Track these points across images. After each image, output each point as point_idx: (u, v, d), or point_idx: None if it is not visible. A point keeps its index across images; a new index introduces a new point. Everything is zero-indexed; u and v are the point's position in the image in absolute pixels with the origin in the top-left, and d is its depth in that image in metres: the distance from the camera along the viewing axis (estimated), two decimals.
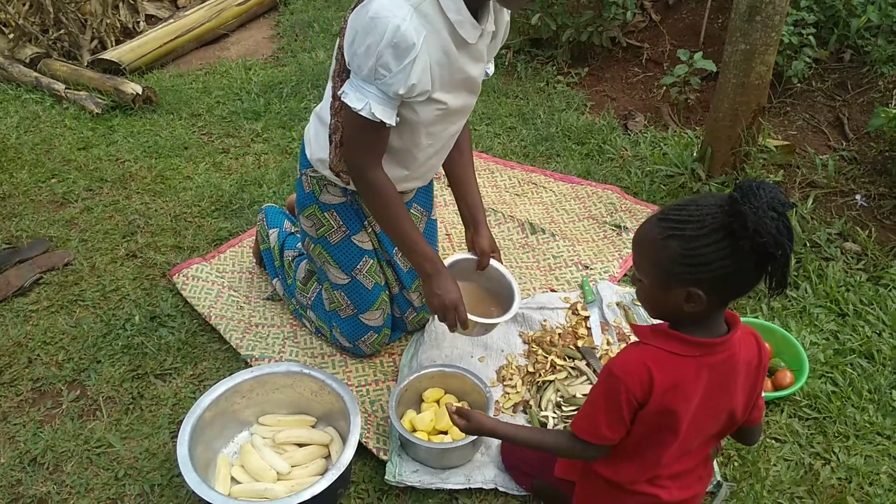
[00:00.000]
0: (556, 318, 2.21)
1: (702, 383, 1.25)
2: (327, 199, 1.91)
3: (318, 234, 1.95)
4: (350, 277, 1.96)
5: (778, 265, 1.14)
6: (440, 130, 1.77)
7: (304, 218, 1.96)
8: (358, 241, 1.95)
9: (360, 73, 1.55)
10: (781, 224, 1.09)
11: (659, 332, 1.26)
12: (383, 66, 1.51)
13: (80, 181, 2.89)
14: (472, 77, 1.71)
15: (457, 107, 1.73)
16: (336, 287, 1.99)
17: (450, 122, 1.78)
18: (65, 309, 2.29)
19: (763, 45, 2.40)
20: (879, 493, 1.73)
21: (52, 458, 1.84)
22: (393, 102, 1.58)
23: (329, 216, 1.92)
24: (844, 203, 2.65)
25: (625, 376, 1.24)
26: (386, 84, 1.53)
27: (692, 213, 1.15)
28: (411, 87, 1.55)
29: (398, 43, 1.47)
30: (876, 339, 2.11)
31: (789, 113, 3.17)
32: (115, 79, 3.51)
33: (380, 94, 1.56)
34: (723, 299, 1.22)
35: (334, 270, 1.97)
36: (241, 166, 3.00)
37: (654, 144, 3.05)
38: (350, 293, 1.98)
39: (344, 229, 1.93)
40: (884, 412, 1.92)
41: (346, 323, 2.02)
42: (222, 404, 1.79)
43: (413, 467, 1.76)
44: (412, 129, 1.71)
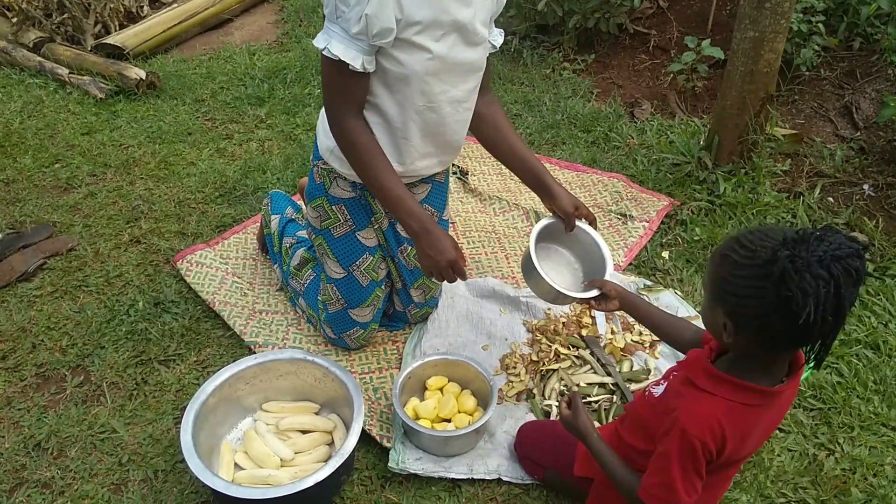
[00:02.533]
0: (560, 306, 2.20)
1: (762, 427, 1.18)
2: (337, 192, 1.88)
3: (321, 226, 1.93)
4: (346, 272, 1.94)
5: (809, 330, 1.00)
6: (438, 91, 1.67)
7: (311, 209, 1.94)
8: (362, 238, 1.92)
9: (327, 13, 1.53)
10: (826, 289, 0.96)
11: (725, 382, 1.17)
12: (342, 2, 1.48)
13: (83, 166, 2.88)
14: (460, 21, 1.59)
15: (449, 57, 1.62)
16: (330, 280, 1.97)
17: (447, 81, 1.67)
18: (68, 294, 2.29)
19: (772, 33, 2.37)
20: (884, 483, 1.72)
21: (56, 443, 1.84)
22: (357, 43, 1.51)
23: (337, 209, 1.89)
24: (852, 193, 2.63)
25: (701, 434, 1.15)
26: (345, 20, 1.49)
27: (754, 240, 1.06)
28: (368, 21, 1.47)
29: None
30: (882, 329, 2.10)
31: (797, 101, 3.14)
32: (119, 63, 3.49)
33: (342, 33, 1.51)
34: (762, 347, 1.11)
35: (332, 264, 1.95)
36: (245, 152, 2.99)
37: (660, 132, 3.03)
38: (343, 288, 1.95)
39: (350, 223, 1.91)
40: (889, 403, 1.91)
41: (333, 316, 2.00)
42: (226, 391, 1.79)
43: (416, 455, 1.76)
44: (403, 84, 1.63)
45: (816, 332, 1.01)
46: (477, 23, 1.64)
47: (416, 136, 1.74)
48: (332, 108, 1.66)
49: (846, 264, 0.97)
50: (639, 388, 1.89)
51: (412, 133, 1.73)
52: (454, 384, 1.93)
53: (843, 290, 0.98)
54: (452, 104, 1.73)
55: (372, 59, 1.56)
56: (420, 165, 1.82)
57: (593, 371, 1.96)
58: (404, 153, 1.76)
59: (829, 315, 0.98)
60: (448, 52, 1.62)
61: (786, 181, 2.69)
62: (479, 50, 1.71)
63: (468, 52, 1.67)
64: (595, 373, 1.96)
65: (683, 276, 2.31)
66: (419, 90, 1.65)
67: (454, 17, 1.58)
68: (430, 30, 1.57)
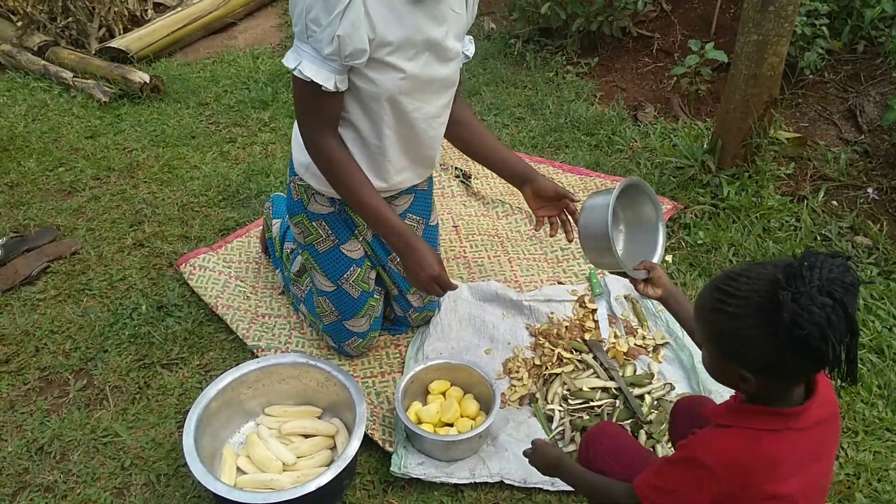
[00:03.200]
0: (563, 310, 2.20)
1: (797, 456, 1.10)
2: (315, 208, 1.86)
3: (305, 242, 1.91)
4: (336, 286, 1.92)
5: (834, 358, 0.98)
6: (411, 109, 1.66)
7: (293, 225, 1.93)
8: (346, 251, 1.90)
9: (297, 32, 1.50)
10: (835, 313, 0.94)
11: (739, 411, 1.11)
12: (313, 21, 1.44)
13: (87, 170, 2.89)
14: (433, 40, 1.58)
15: (423, 75, 1.61)
16: (322, 293, 1.95)
17: (421, 98, 1.66)
18: (72, 298, 2.29)
19: (776, 36, 2.37)
20: (888, 489, 1.71)
21: (59, 446, 1.85)
22: (329, 64, 1.49)
23: (317, 225, 1.88)
24: (856, 196, 2.62)
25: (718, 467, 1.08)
26: (317, 41, 1.46)
27: (741, 287, 1.03)
28: (341, 43, 1.45)
29: None
30: (886, 334, 2.09)
31: (801, 105, 3.13)
32: (123, 67, 3.50)
33: (313, 53, 1.49)
34: (784, 382, 1.07)
35: (320, 277, 1.93)
36: (249, 156, 2.99)
37: (663, 136, 3.02)
38: (335, 300, 1.94)
39: (332, 238, 1.89)
40: (893, 408, 1.90)
41: (329, 328, 2.00)
42: (228, 394, 1.79)
43: (419, 459, 1.76)
44: (377, 102, 1.61)
45: (837, 355, 0.99)
46: (450, 39, 1.64)
47: (392, 151, 1.73)
48: (305, 127, 1.64)
49: (843, 283, 0.96)
50: (642, 392, 1.89)
51: (388, 149, 1.72)
52: (457, 388, 1.93)
53: (850, 308, 0.96)
54: (427, 120, 1.72)
55: (344, 79, 1.55)
56: (398, 180, 1.82)
57: (596, 375, 1.96)
58: (382, 169, 1.76)
59: (845, 335, 0.97)
60: (421, 70, 1.61)
61: (789, 185, 2.68)
62: (453, 65, 1.70)
63: (441, 68, 1.66)
64: (598, 377, 1.95)
65: (686, 280, 2.31)
66: (392, 108, 1.64)
67: (427, 36, 1.57)
68: (403, 49, 1.55)
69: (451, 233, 2.54)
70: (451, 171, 2.86)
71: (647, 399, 1.87)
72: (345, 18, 1.43)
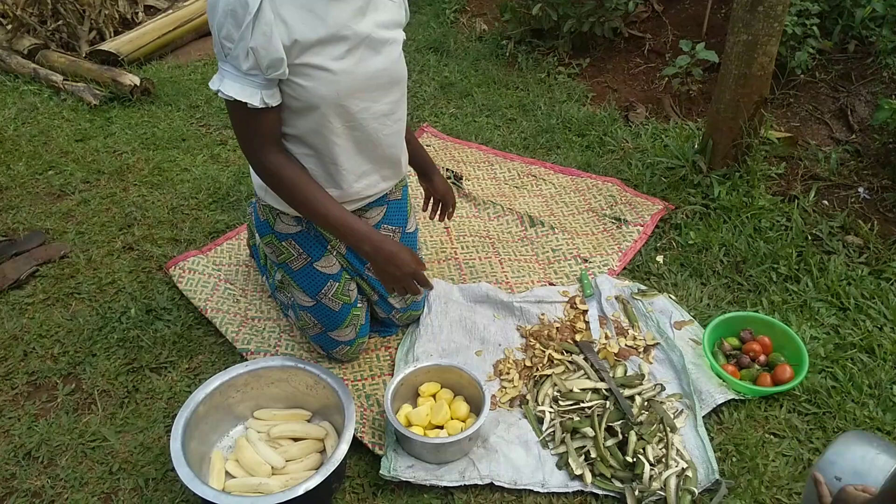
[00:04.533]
0: (554, 311, 2.19)
1: None
2: (283, 228, 1.82)
3: (279, 261, 1.88)
4: (315, 301, 1.90)
5: None
6: (357, 110, 1.61)
7: (265, 244, 1.89)
8: (321, 267, 1.86)
9: (216, 53, 1.47)
10: None
11: None
12: (227, 38, 1.40)
13: (77, 173, 2.88)
14: (362, 33, 1.53)
15: (359, 72, 1.56)
16: (303, 308, 1.93)
17: (367, 97, 1.61)
18: (61, 302, 2.28)
19: (765, 36, 2.37)
20: None
21: (47, 451, 1.83)
22: (250, 80, 1.44)
23: (287, 245, 1.84)
24: (847, 196, 2.62)
25: None
26: (234, 58, 1.42)
27: None
28: (256, 55, 1.40)
29: (234, 9, 1.36)
30: (877, 333, 2.09)
31: (792, 104, 3.14)
32: (114, 70, 3.49)
33: (233, 71, 1.44)
34: None
35: (299, 294, 1.91)
36: (239, 158, 2.98)
37: (655, 136, 3.02)
38: (317, 314, 1.92)
39: (305, 257, 1.85)
40: (884, 407, 1.90)
41: (315, 338, 1.99)
42: (217, 398, 1.78)
43: (408, 462, 1.75)
44: (315, 110, 1.56)
45: None
46: (381, 30, 1.59)
47: (345, 157, 1.68)
48: (247, 150, 1.59)
49: None
50: (632, 393, 1.88)
51: (339, 156, 1.67)
52: (447, 390, 1.92)
53: None
54: (378, 119, 1.68)
55: (273, 92, 1.50)
56: (359, 187, 1.77)
57: (587, 377, 1.96)
58: (338, 178, 1.71)
59: None
60: (356, 67, 1.56)
61: (780, 184, 2.68)
62: (391, 55, 1.63)
63: (377, 59, 1.60)
64: (588, 378, 1.95)
65: (678, 281, 2.30)
66: (335, 113, 1.59)
67: (355, 30, 1.53)
68: (329, 48, 1.50)
69: (443, 234, 2.53)
70: (443, 172, 2.86)
71: (638, 400, 1.86)
72: (255, 29, 1.39)
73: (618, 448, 1.77)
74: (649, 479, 1.69)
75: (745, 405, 1.91)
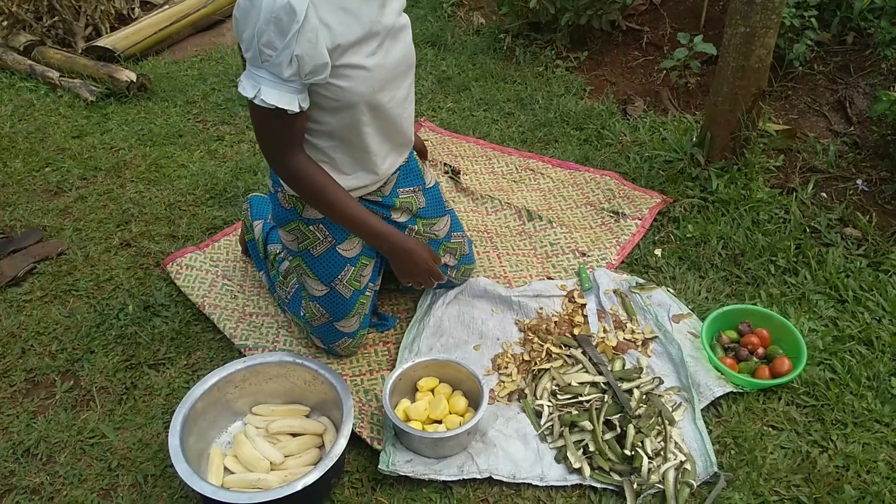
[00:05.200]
0: (552, 305, 2.19)
1: None
2: (311, 213, 1.81)
3: (299, 248, 1.88)
4: (329, 288, 1.90)
5: None
6: (386, 101, 1.65)
7: (286, 233, 1.87)
8: (342, 251, 1.87)
9: (249, 58, 1.45)
10: None
11: None
12: (267, 46, 1.39)
13: (74, 170, 2.87)
14: (388, 25, 1.57)
15: (387, 64, 1.59)
16: (313, 299, 1.93)
17: (392, 86, 1.64)
18: (58, 299, 2.28)
19: (763, 28, 2.36)
20: (877, 480, 1.71)
21: (46, 448, 1.83)
22: (290, 85, 1.45)
23: (315, 229, 1.84)
24: (845, 188, 2.62)
25: None
26: (274, 65, 1.41)
27: None
28: (300, 62, 1.41)
29: (278, 17, 1.35)
30: (875, 325, 2.09)
31: (791, 97, 3.13)
32: (110, 66, 3.48)
33: (271, 78, 1.43)
34: None
35: (312, 283, 1.91)
36: (236, 154, 2.97)
37: (653, 129, 3.01)
38: (327, 304, 1.92)
39: (330, 240, 1.85)
40: (882, 399, 1.90)
41: (319, 330, 1.98)
42: (215, 394, 1.78)
43: (407, 457, 1.75)
44: (350, 107, 1.58)
45: None
46: (396, 16, 1.62)
47: (375, 144, 1.72)
48: (271, 153, 1.59)
49: None
50: (630, 387, 1.88)
51: (370, 144, 1.71)
52: (445, 385, 1.92)
53: None
54: (400, 105, 1.72)
55: (306, 96, 1.52)
56: (386, 167, 1.83)
57: (585, 370, 1.95)
58: (368, 164, 1.76)
59: None
60: (384, 59, 1.59)
61: (779, 177, 2.68)
62: (407, 39, 1.67)
63: (398, 47, 1.63)
64: (587, 372, 1.95)
65: (676, 274, 2.30)
66: (367, 107, 1.62)
67: (383, 24, 1.56)
68: (364, 46, 1.53)
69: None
70: (440, 167, 2.85)
71: (636, 393, 1.86)
72: (301, 37, 1.38)
73: (616, 441, 1.77)
74: (647, 472, 1.69)
75: (744, 398, 1.91)
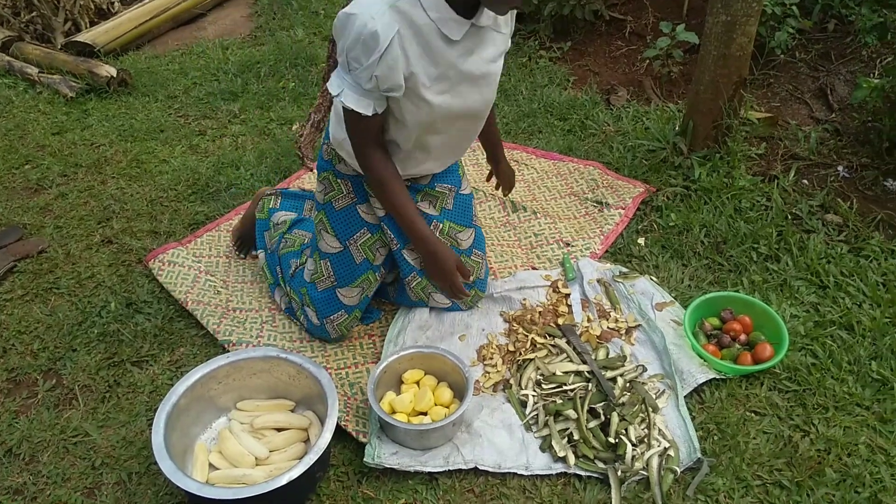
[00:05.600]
0: (536, 296, 2.20)
1: None
2: (343, 168, 1.94)
3: (324, 200, 1.97)
4: (343, 246, 1.96)
5: None
6: (445, 128, 1.78)
7: (319, 182, 2.00)
8: (362, 212, 1.96)
9: (340, 62, 1.62)
10: None
11: None
12: (354, 60, 1.56)
13: (54, 167, 2.84)
14: (468, 72, 1.68)
15: (454, 107, 1.71)
16: (324, 256, 1.98)
17: (453, 124, 1.78)
18: (39, 297, 2.26)
19: (744, 16, 2.36)
20: (857, 463, 1.73)
21: (28, 448, 1.82)
22: (369, 94, 1.61)
23: (342, 183, 1.95)
24: (827, 175, 2.63)
25: None
26: (357, 76, 1.59)
27: None
28: (378, 80, 1.57)
29: (366, 40, 1.51)
30: (856, 310, 2.11)
31: (773, 84, 3.14)
32: (90, 61, 3.44)
33: (353, 84, 1.61)
34: None
35: (329, 238, 1.97)
36: (218, 148, 2.95)
37: (636, 119, 3.02)
38: (336, 263, 1.97)
39: (352, 196, 1.95)
40: (863, 383, 1.92)
41: (321, 295, 1.99)
42: (198, 390, 1.77)
43: (392, 449, 1.75)
44: (406, 126, 1.73)
45: None
46: (484, 65, 1.71)
47: (420, 155, 1.84)
48: (355, 143, 1.75)
49: None
50: (614, 375, 1.89)
51: (415, 153, 1.83)
52: (430, 377, 1.92)
53: None
54: (456, 138, 1.86)
55: (383, 102, 1.66)
56: (421, 171, 1.93)
57: (569, 360, 1.96)
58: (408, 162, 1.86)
59: None
60: (452, 100, 1.70)
61: (761, 164, 2.69)
62: (490, 86, 1.77)
63: (473, 94, 1.73)
64: (571, 361, 1.95)
65: (659, 262, 2.31)
66: (423, 130, 1.74)
67: (461, 70, 1.66)
68: (435, 85, 1.65)
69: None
70: None
71: (620, 381, 1.87)
72: (381, 62, 1.54)
73: (600, 429, 1.77)
74: (632, 459, 1.70)
75: (726, 384, 1.92)
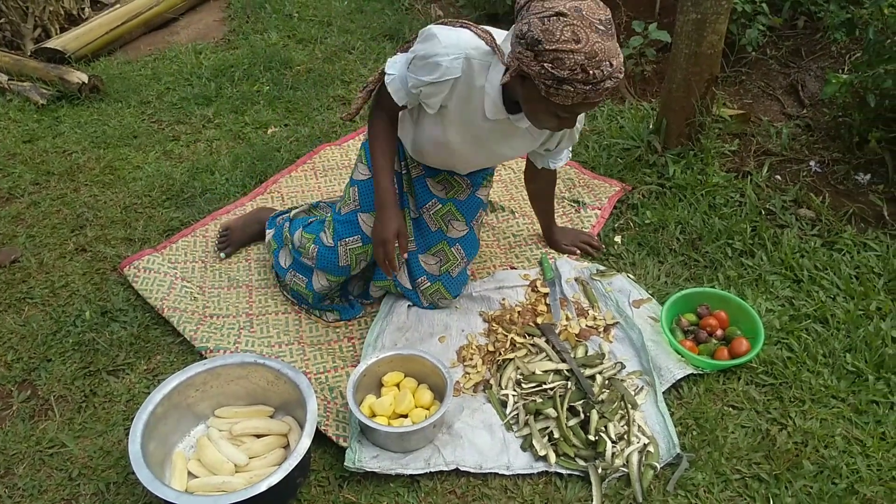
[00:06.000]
0: (515, 295, 2.20)
1: None
2: (356, 175, 2.09)
3: (338, 208, 2.09)
4: (333, 244, 2.03)
5: None
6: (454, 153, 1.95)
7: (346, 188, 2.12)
8: (360, 220, 2.05)
9: (409, 55, 1.76)
10: None
11: None
12: (416, 67, 1.72)
13: (25, 175, 2.80)
14: (488, 140, 1.85)
15: (455, 146, 1.89)
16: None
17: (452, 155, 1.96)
18: (13, 307, 2.22)
19: (714, 14, 2.39)
20: (834, 454, 1.75)
21: (3, 461, 1.79)
22: (409, 92, 1.77)
23: (352, 191, 2.08)
24: (799, 170, 2.67)
25: None
26: (410, 77, 1.75)
27: None
28: (420, 91, 1.74)
29: (432, 65, 1.67)
30: (830, 303, 2.14)
31: (745, 81, 3.18)
32: (60, 68, 3.39)
33: (404, 78, 1.77)
34: None
35: (328, 232, 2.05)
36: (193, 153, 2.93)
37: (610, 118, 3.04)
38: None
39: (356, 204, 2.06)
40: (838, 375, 1.94)
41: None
42: (175, 398, 1.75)
43: (373, 453, 1.75)
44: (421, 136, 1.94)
45: None
46: (508, 150, 1.94)
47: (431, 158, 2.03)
48: (374, 103, 1.92)
49: None
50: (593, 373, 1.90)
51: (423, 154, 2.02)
52: (410, 379, 1.92)
53: None
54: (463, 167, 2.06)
55: (415, 102, 1.83)
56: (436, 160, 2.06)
57: (549, 359, 1.97)
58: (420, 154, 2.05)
59: None
60: (464, 146, 1.90)
61: (734, 161, 2.72)
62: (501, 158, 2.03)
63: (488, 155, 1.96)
64: (550, 360, 1.96)
65: (636, 260, 2.33)
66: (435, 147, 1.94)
67: (478, 135, 1.84)
68: (461, 127, 1.83)
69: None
70: None
71: (599, 379, 1.88)
72: (432, 85, 1.70)
73: (580, 427, 1.78)
74: (612, 456, 1.72)
75: (704, 379, 1.94)
